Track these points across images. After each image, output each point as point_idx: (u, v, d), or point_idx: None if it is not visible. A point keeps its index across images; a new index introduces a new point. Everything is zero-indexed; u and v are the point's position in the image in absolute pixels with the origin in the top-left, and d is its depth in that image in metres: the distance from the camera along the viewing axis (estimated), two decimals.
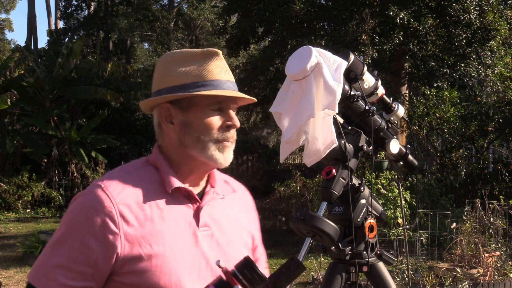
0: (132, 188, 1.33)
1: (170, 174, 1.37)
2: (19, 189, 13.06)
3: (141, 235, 1.29)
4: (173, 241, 1.32)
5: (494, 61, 10.86)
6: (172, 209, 1.36)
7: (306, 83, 1.78)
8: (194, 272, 1.34)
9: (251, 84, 12.75)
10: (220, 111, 1.39)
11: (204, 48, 1.43)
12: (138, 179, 1.36)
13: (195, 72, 1.37)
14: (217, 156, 1.38)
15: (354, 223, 1.87)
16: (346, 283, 1.90)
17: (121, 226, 1.28)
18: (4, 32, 41.14)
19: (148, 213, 1.32)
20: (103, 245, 1.27)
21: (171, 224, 1.34)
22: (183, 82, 1.37)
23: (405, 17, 9.99)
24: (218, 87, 1.37)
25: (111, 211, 1.28)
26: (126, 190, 1.32)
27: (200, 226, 1.38)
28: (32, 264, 6.51)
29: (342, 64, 1.82)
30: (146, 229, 1.30)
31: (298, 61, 1.78)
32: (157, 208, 1.33)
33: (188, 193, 1.39)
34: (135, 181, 1.35)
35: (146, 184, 1.35)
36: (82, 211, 1.30)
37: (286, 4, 10.83)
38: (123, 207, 1.29)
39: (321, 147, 1.81)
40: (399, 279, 5.46)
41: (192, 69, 1.38)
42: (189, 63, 1.39)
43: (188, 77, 1.37)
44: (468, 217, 6.47)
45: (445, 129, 10.43)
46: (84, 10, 24.23)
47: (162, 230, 1.32)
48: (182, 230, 1.35)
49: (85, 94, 13.51)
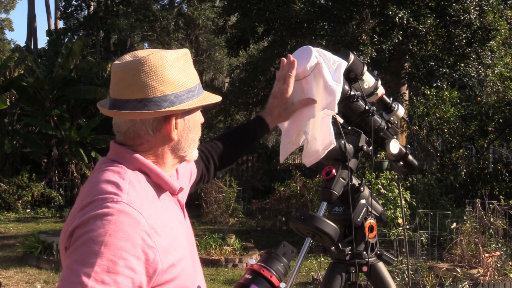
0: (145, 198, 1.29)
1: (167, 178, 1.37)
2: (19, 189, 13.06)
3: (169, 243, 1.27)
4: (182, 241, 1.36)
5: (494, 61, 10.86)
6: (171, 209, 1.38)
7: (306, 83, 1.78)
8: (195, 262, 1.41)
9: (251, 84, 12.74)
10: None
11: (179, 49, 1.41)
12: (142, 187, 1.31)
13: (191, 77, 1.38)
14: (195, 153, 1.45)
15: (354, 223, 1.87)
16: (346, 283, 1.90)
17: (155, 239, 1.23)
18: (4, 32, 41.17)
19: (164, 219, 1.30)
20: (146, 264, 1.20)
21: (178, 225, 1.37)
22: (186, 88, 1.35)
23: (405, 17, 9.99)
24: (201, 91, 1.42)
25: (146, 226, 1.22)
26: (144, 201, 1.27)
27: (186, 217, 1.45)
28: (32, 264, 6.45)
29: (342, 64, 1.81)
30: (169, 236, 1.28)
31: (298, 61, 1.78)
32: (165, 212, 1.33)
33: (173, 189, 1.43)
34: (142, 191, 1.30)
35: (149, 191, 1.33)
36: (119, 232, 1.18)
37: (286, 4, 10.83)
38: (150, 219, 1.24)
39: (320, 148, 1.81)
40: (399, 279, 5.46)
41: (185, 75, 1.37)
42: (184, 69, 1.37)
43: (186, 82, 1.36)
44: (468, 217, 6.48)
45: (445, 129, 10.44)
46: (84, 10, 24.23)
47: (177, 233, 1.33)
48: (182, 225, 1.40)
49: (85, 94, 13.52)
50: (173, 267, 1.27)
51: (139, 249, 1.19)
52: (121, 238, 1.17)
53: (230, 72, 15.51)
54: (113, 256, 1.16)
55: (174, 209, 1.40)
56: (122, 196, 1.23)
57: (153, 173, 1.35)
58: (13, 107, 13.63)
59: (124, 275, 1.16)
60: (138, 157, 1.35)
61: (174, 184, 1.38)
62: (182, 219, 1.42)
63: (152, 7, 20.56)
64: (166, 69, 1.32)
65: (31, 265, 7.37)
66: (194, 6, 20.86)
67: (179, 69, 1.35)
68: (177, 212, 1.41)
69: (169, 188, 1.37)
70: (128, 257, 1.17)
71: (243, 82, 12.90)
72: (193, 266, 1.40)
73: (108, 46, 23.15)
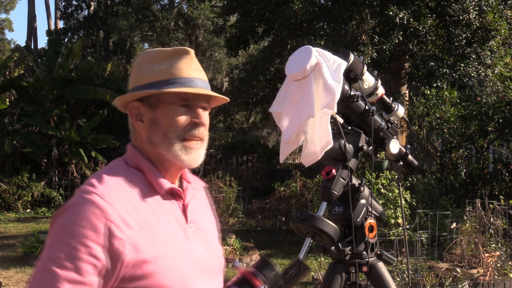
0: (125, 192, 1.32)
1: (157, 176, 1.39)
2: (19, 189, 13.06)
3: (143, 238, 1.29)
4: (170, 241, 1.34)
5: (494, 61, 10.86)
6: (164, 209, 1.37)
7: (306, 83, 1.78)
8: (191, 268, 1.37)
9: (251, 84, 12.74)
10: (188, 108, 1.40)
11: (176, 47, 1.45)
12: (128, 182, 1.35)
13: (165, 70, 1.39)
14: (183, 156, 1.38)
15: (354, 223, 1.87)
16: (346, 283, 1.90)
17: (125, 231, 1.26)
18: (4, 32, 41.16)
19: (145, 216, 1.32)
20: (110, 253, 1.24)
21: (166, 224, 1.36)
22: (152, 80, 1.39)
23: (405, 17, 9.99)
24: (185, 85, 1.38)
25: (114, 218, 1.26)
26: (121, 194, 1.31)
27: (189, 222, 1.41)
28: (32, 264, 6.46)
29: (342, 64, 1.81)
30: (146, 232, 1.30)
31: (298, 61, 1.78)
32: (151, 210, 1.34)
33: (173, 191, 1.41)
34: (126, 185, 1.34)
35: (136, 187, 1.35)
36: (84, 221, 1.24)
37: (285, 4, 10.82)
38: (123, 212, 1.28)
39: (318, 148, 1.81)
40: (399, 279, 5.46)
41: (162, 67, 1.40)
42: (160, 62, 1.41)
43: (157, 75, 1.39)
44: (468, 217, 6.47)
45: (445, 129, 10.44)
46: (84, 10, 24.23)
47: (160, 231, 1.33)
48: (175, 229, 1.37)
49: (84, 94, 13.51)
50: (147, 263, 1.27)
51: (104, 238, 1.23)
52: (85, 226, 1.23)
53: (229, 72, 15.50)
54: (76, 243, 1.22)
55: (170, 210, 1.39)
56: (97, 188, 1.29)
57: (147, 170, 1.39)
58: (13, 107, 13.62)
59: (86, 262, 1.22)
60: (130, 151, 1.42)
61: (162, 182, 1.38)
62: (179, 223, 1.39)
63: (152, 7, 20.56)
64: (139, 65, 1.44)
65: (31, 265, 7.36)
66: (194, 6, 20.86)
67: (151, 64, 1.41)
68: (173, 213, 1.39)
69: (158, 186, 1.38)
70: (91, 244, 1.22)
71: (242, 82, 12.90)
72: (189, 273, 1.36)
73: (108, 46, 23.15)
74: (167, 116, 1.38)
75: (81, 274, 1.22)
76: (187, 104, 1.39)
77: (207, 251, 1.43)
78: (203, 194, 1.59)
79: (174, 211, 1.40)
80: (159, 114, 1.39)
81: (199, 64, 1.46)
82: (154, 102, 1.40)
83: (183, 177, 1.49)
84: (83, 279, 1.22)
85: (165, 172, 1.42)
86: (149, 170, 1.39)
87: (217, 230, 1.58)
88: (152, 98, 1.40)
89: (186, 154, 1.39)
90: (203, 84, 1.42)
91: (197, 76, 1.42)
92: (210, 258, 1.44)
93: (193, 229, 1.42)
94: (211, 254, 1.44)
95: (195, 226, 1.43)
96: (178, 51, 1.42)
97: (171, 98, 1.38)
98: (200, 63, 1.47)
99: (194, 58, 1.44)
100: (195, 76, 1.41)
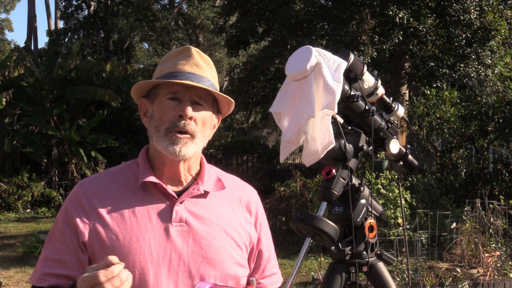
0: (107, 183, 1.43)
1: (144, 169, 1.44)
2: (19, 189, 13.06)
3: (109, 227, 1.37)
4: (141, 235, 1.37)
5: (494, 61, 10.86)
6: (145, 204, 1.40)
7: (306, 83, 1.78)
8: (163, 266, 1.37)
9: (251, 83, 12.74)
10: (177, 102, 1.41)
11: (182, 47, 1.50)
12: (116, 175, 1.46)
13: (165, 68, 1.45)
14: (169, 148, 1.40)
15: (354, 223, 1.87)
16: (346, 283, 1.90)
17: (92, 217, 1.37)
18: (4, 32, 41.12)
19: (120, 207, 1.39)
20: (75, 234, 1.37)
21: (142, 218, 1.38)
22: (154, 78, 1.47)
23: (405, 17, 9.99)
24: (174, 78, 1.40)
25: (84, 204, 1.39)
26: (100, 185, 1.43)
27: (174, 221, 1.40)
28: (32, 264, 6.51)
29: (342, 64, 1.81)
30: (114, 222, 1.37)
31: (298, 61, 1.78)
32: (129, 203, 1.40)
33: (163, 189, 1.42)
34: (111, 178, 1.45)
35: (122, 180, 1.44)
36: (63, 206, 1.43)
37: (286, 3, 10.83)
38: (96, 201, 1.39)
39: (319, 148, 1.81)
40: (399, 279, 5.46)
41: (165, 66, 1.46)
42: (166, 62, 1.47)
43: (159, 73, 1.46)
44: (468, 217, 6.47)
45: (445, 129, 10.43)
46: (84, 10, 24.21)
47: (131, 224, 1.37)
48: (153, 224, 1.38)
49: (84, 94, 13.51)
50: (106, 251, 1.34)
51: (75, 219, 1.38)
52: (62, 211, 1.43)
53: (229, 71, 15.50)
54: (55, 225, 1.43)
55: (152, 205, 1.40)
56: (86, 180, 1.46)
57: (140, 164, 1.46)
58: (13, 107, 13.63)
59: (59, 241, 1.39)
60: (144, 149, 1.51)
61: (142, 175, 1.42)
62: (161, 219, 1.39)
63: (152, 7, 20.56)
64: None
65: (31, 265, 7.37)
66: (194, 6, 20.86)
67: (161, 64, 1.48)
68: (155, 209, 1.40)
69: (139, 178, 1.43)
70: (63, 225, 1.40)
71: (242, 82, 12.89)
72: (156, 267, 1.36)
73: (108, 46, 23.15)
74: (159, 110, 1.42)
75: (54, 253, 1.38)
76: (176, 97, 1.41)
77: (194, 253, 1.39)
78: (228, 196, 1.54)
79: (159, 208, 1.40)
80: (154, 108, 1.44)
81: (202, 61, 1.46)
82: (153, 97, 1.45)
83: (199, 176, 1.48)
84: (55, 256, 1.37)
85: (163, 167, 1.44)
86: (141, 164, 1.45)
87: (245, 236, 1.51)
88: (153, 93, 1.45)
89: (170, 145, 1.40)
90: (196, 79, 1.41)
91: (192, 71, 1.42)
92: (194, 260, 1.39)
93: (181, 228, 1.40)
94: (200, 257, 1.39)
95: (185, 226, 1.40)
96: (181, 50, 1.47)
97: (163, 91, 1.42)
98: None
99: (194, 55, 1.45)
100: (189, 70, 1.42)
